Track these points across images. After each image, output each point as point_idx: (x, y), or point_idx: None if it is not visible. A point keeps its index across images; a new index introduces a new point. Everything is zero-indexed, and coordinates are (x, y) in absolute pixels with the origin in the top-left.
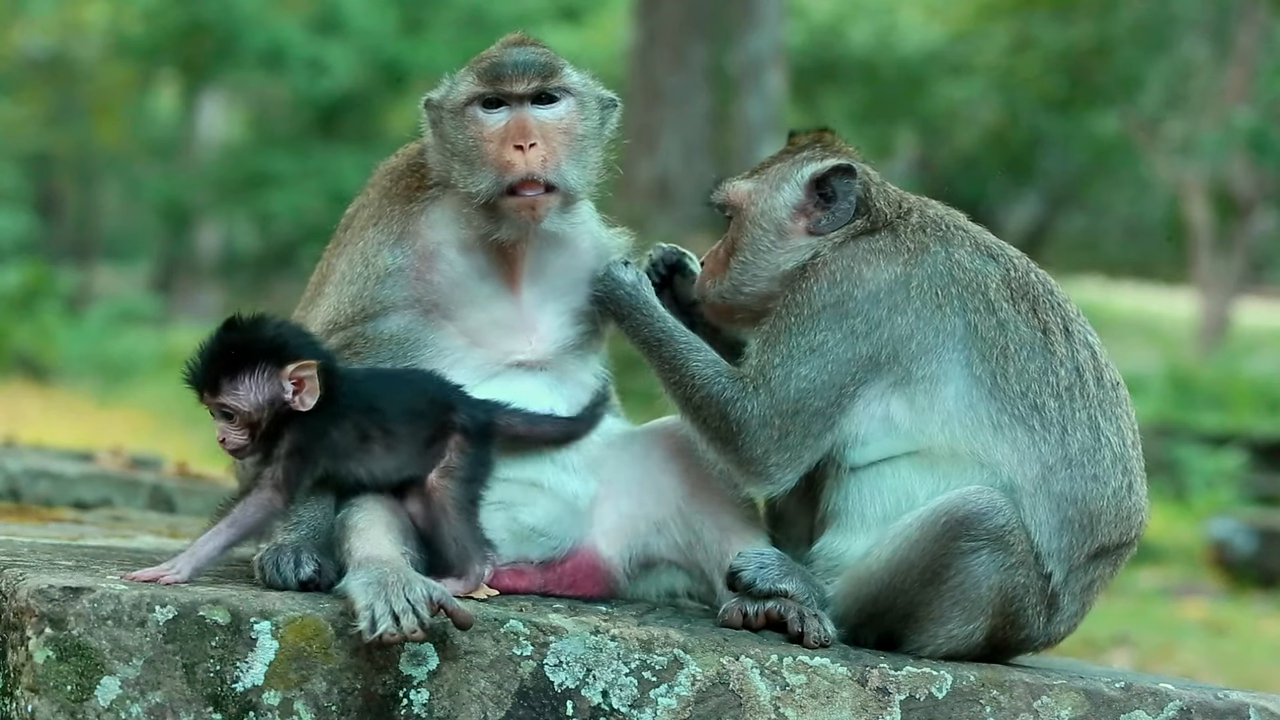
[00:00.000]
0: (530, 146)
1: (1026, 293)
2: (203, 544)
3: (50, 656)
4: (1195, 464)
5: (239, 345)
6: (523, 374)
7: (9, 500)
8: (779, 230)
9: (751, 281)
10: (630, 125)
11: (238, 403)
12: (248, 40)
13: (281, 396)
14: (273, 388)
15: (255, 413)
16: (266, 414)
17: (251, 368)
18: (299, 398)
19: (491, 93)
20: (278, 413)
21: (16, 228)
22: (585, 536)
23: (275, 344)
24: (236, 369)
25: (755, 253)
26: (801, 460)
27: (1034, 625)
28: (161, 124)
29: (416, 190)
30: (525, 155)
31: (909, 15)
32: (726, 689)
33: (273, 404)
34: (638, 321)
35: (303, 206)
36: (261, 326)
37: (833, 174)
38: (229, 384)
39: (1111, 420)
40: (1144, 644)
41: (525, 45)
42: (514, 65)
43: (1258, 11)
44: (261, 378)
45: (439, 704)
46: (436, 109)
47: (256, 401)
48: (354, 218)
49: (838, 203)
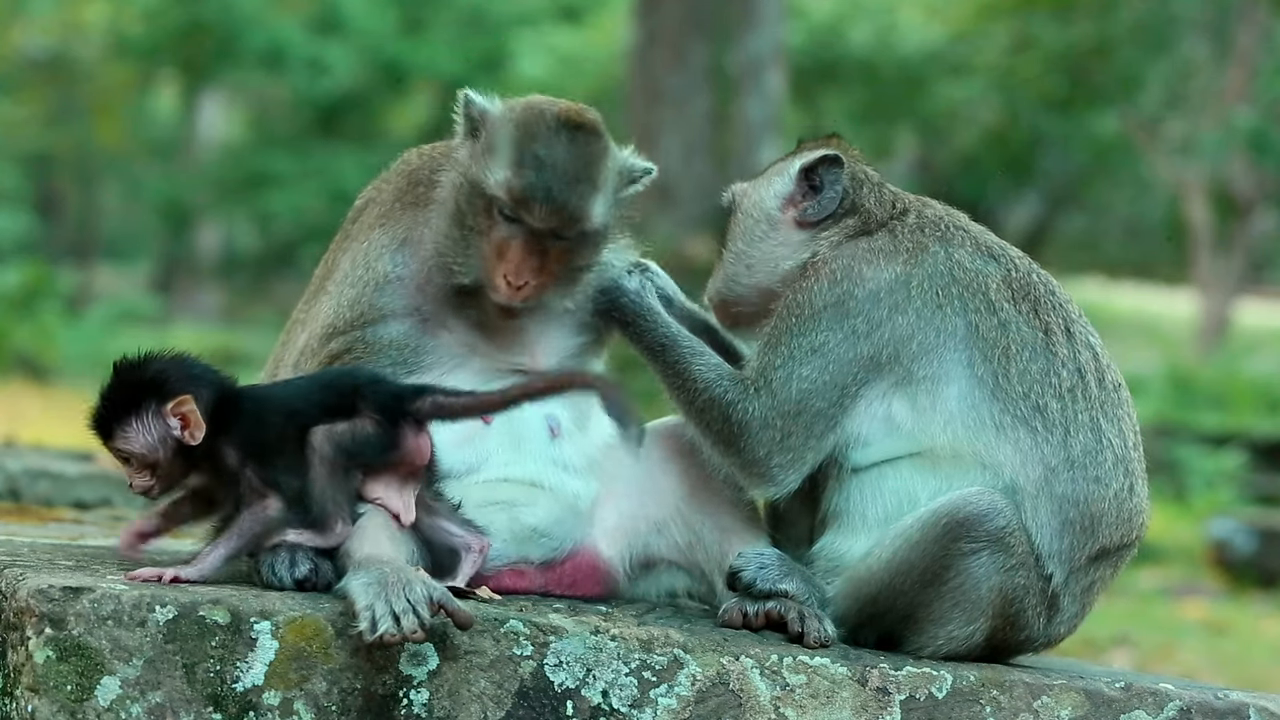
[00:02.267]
0: (521, 286)
1: (1028, 293)
2: (207, 553)
3: (50, 656)
4: (1195, 464)
5: (123, 389)
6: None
7: (9, 500)
8: (769, 220)
9: (746, 273)
10: (630, 125)
11: (130, 446)
12: (248, 40)
13: (171, 434)
14: (160, 427)
15: (150, 454)
16: (163, 453)
17: (137, 410)
18: (187, 433)
19: (511, 213)
20: (175, 449)
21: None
22: (586, 537)
23: (155, 383)
24: (124, 413)
25: (748, 242)
26: (804, 461)
27: (1034, 626)
28: (161, 124)
29: (430, 200)
30: (513, 287)
31: (909, 15)
32: (726, 689)
33: (165, 442)
34: (641, 328)
35: (303, 206)
36: (143, 367)
37: (820, 163)
38: (120, 429)
39: (1113, 422)
40: (1144, 644)
41: (575, 144)
42: (545, 200)
43: (1258, 11)
44: (148, 418)
45: (439, 704)
46: (472, 135)
47: (148, 442)
48: (363, 211)
49: (824, 191)
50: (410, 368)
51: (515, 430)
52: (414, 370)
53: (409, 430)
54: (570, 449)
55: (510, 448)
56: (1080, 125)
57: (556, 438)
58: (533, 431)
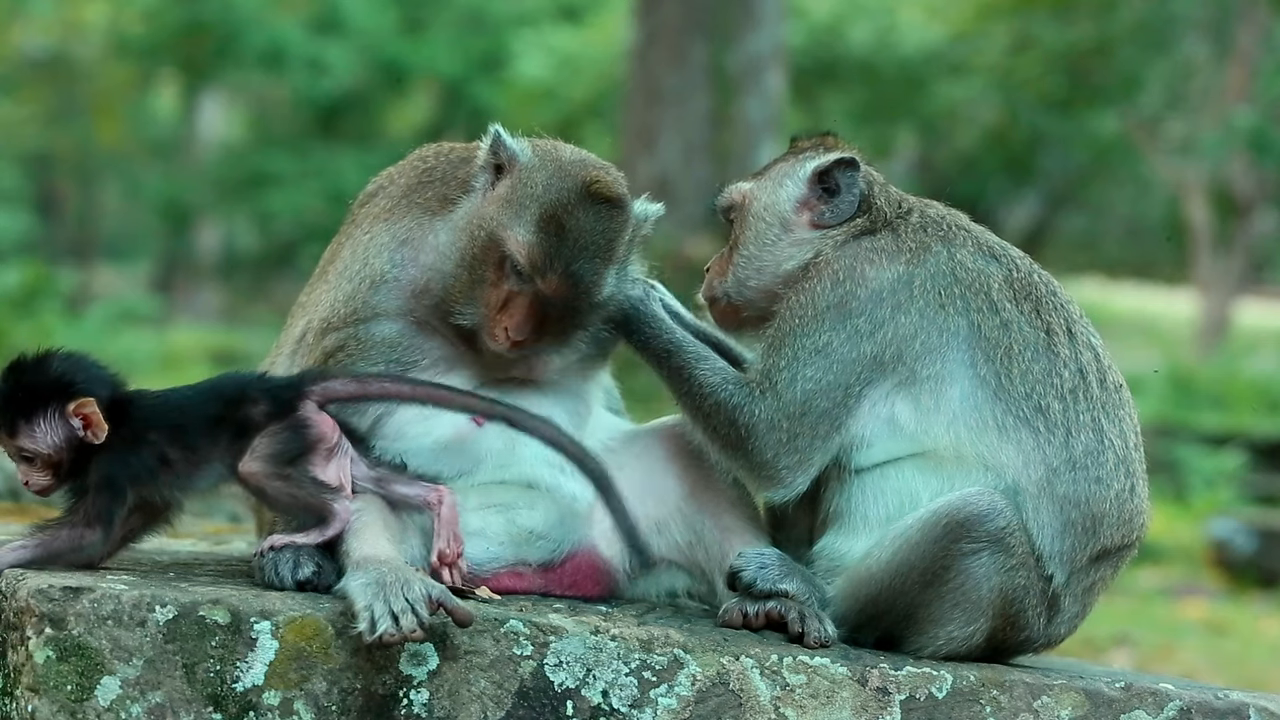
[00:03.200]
0: (519, 341)
1: (1029, 293)
2: (8, 552)
3: (50, 656)
4: (1195, 464)
5: (26, 388)
6: (520, 383)
7: (9, 500)
8: (783, 223)
9: (756, 275)
10: (630, 125)
11: (35, 445)
12: (248, 40)
13: (75, 434)
14: (64, 427)
15: (55, 453)
16: (65, 452)
17: (42, 410)
18: (90, 433)
19: (524, 274)
20: (77, 449)
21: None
22: (585, 538)
23: (60, 383)
24: (28, 412)
25: (760, 246)
26: (811, 463)
27: (1034, 627)
28: (161, 124)
29: (439, 207)
30: (510, 340)
31: (909, 15)
32: (726, 689)
33: (69, 442)
34: (646, 335)
35: (302, 206)
36: (45, 366)
37: (835, 166)
38: (24, 427)
39: (1115, 422)
40: (1144, 644)
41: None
42: (563, 272)
43: (1258, 11)
44: (53, 418)
45: (439, 704)
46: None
47: (53, 442)
48: (373, 198)
49: (841, 195)
50: (403, 367)
51: (510, 433)
52: (405, 370)
53: (311, 412)
54: None
55: (506, 450)
56: (1080, 125)
57: None
58: None
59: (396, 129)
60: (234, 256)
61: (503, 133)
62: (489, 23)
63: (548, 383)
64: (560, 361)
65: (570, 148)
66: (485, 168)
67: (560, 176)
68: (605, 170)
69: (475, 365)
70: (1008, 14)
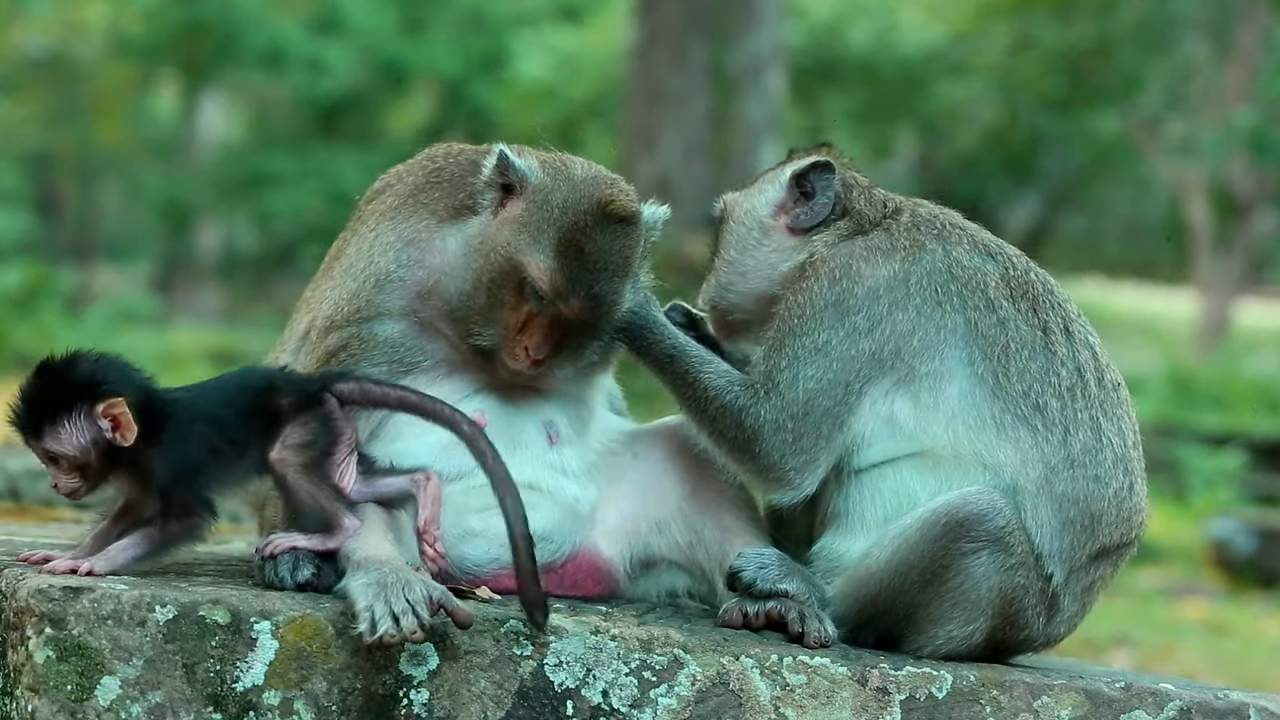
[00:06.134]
0: (537, 360)
1: (1026, 291)
2: (120, 550)
3: (50, 656)
4: (1195, 464)
5: (54, 389)
6: (523, 387)
7: (9, 500)
8: (761, 227)
9: (739, 280)
10: (630, 125)
11: (62, 448)
12: (248, 40)
13: (103, 435)
14: (91, 428)
15: (81, 455)
16: (94, 454)
17: (69, 411)
18: (118, 434)
19: (546, 298)
20: (105, 451)
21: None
22: (586, 538)
23: (88, 384)
24: (55, 414)
25: (740, 250)
26: (818, 463)
27: (1034, 626)
28: (161, 124)
29: (446, 212)
30: (530, 359)
31: (909, 15)
32: (726, 689)
33: (97, 444)
34: (648, 341)
35: (303, 206)
36: (74, 367)
37: (811, 169)
38: (50, 428)
39: (1113, 421)
40: (1144, 644)
41: (617, 238)
42: (585, 295)
43: (1258, 11)
44: (80, 420)
45: (439, 704)
46: (504, 191)
47: (80, 444)
48: (379, 195)
49: (816, 197)
50: (406, 367)
51: (511, 435)
52: (408, 370)
53: (337, 409)
54: (569, 454)
55: (506, 452)
56: (1080, 125)
57: (555, 444)
58: (529, 437)
59: (396, 129)
60: (234, 256)
61: (509, 153)
62: (489, 23)
63: (550, 388)
64: (572, 371)
65: (579, 162)
66: (491, 185)
67: (575, 198)
68: (617, 187)
69: (477, 368)
70: (1008, 14)
